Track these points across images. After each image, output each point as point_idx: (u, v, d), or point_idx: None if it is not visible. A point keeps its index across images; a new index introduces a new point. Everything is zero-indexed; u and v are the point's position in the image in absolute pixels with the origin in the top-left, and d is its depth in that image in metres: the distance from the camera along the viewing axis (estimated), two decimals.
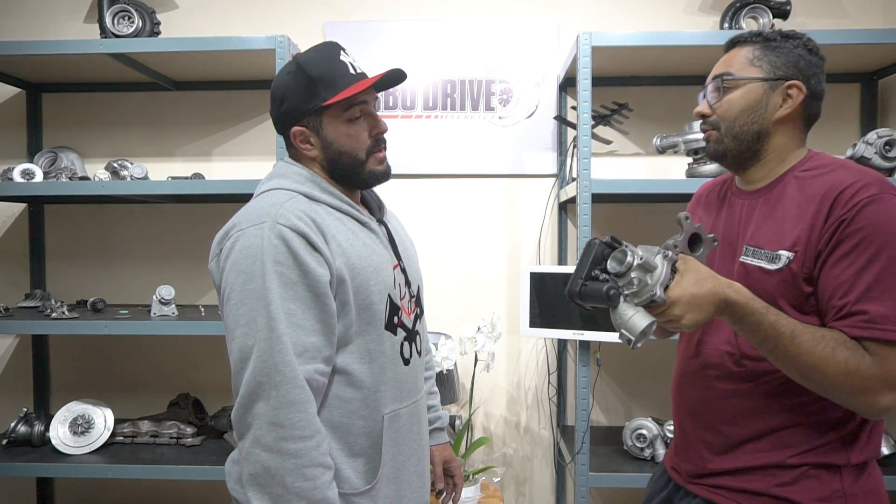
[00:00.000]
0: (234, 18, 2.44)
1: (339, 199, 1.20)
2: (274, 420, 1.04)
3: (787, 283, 1.07)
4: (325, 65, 1.18)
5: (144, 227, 2.47)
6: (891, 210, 1.01)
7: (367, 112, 1.21)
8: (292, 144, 1.23)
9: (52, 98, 2.48)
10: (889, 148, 1.95)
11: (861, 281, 1.01)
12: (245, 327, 1.07)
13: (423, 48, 2.41)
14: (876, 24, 2.33)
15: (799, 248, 1.06)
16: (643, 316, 1.00)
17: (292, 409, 1.04)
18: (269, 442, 1.04)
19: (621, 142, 2.38)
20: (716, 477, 1.19)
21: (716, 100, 1.18)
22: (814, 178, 1.10)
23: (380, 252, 1.21)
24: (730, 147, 1.17)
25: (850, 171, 1.07)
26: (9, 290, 2.48)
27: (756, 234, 1.13)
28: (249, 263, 1.08)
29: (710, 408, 1.19)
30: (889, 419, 2.23)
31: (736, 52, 1.18)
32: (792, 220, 1.08)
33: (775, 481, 1.11)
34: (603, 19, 2.39)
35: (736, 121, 1.15)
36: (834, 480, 1.09)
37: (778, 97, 1.14)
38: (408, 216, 2.42)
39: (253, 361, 1.06)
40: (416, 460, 1.27)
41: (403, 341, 1.24)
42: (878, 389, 1.00)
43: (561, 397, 2.43)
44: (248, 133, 2.46)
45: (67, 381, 2.49)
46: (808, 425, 1.10)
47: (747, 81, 1.14)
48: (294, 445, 1.04)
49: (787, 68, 1.14)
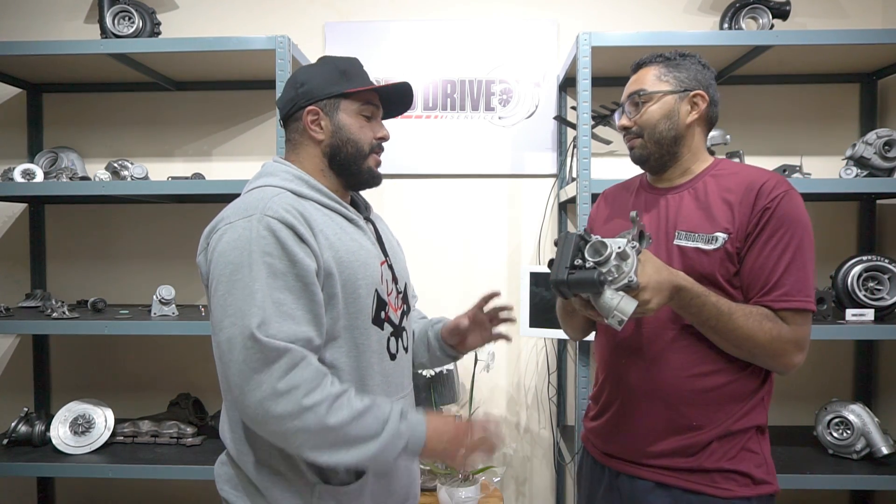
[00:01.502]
0: (234, 18, 2.44)
1: (327, 197, 1.22)
2: (282, 389, 1.04)
3: (722, 261, 1.25)
4: (352, 64, 1.28)
5: (144, 227, 2.47)
6: (799, 203, 1.25)
7: (376, 117, 1.29)
8: (297, 128, 1.26)
9: (52, 98, 2.48)
10: (888, 148, 1.95)
11: (780, 262, 1.22)
12: (233, 317, 1.06)
13: (423, 48, 2.41)
14: (876, 24, 2.33)
15: (732, 231, 1.25)
16: (628, 300, 1.10)
17: (295, 370, 1.05)
18: (291, 410, 1.04)
19: (621, 142, 2.35)
20: (663, 458, 1.28)
21: (635, 113, 1.37)
22: (731, 176, 1.31)
23: (367, 247, 1.23)
24: (652, 151, 1.36)
25: (761, 171, 1.30)
26: (9, 290, 2.49)
27: (687, 220, 1.31)
28: (237, 255, 1.08)
29: (661, 378, 1.29)
30: (889, 419, 2.23)
31: (644, 72, 1.38)
32: (719, 209, 1.28)
33: (723, 456, 1.25)
34: (603, 19, 2.39)
35: (656, 127, 1.34)
36: (758, 447, 1.28)
37: (687, 105, 1.34)
38: (408, 216, 2.43)
39: (242, 350, 1.05)
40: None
41: (390, 336, 1.25)
42: (792, 351, 1.22)
43: (561, 397, 2.43)
44: (248, 133, 2.46)
45: (68, 381, 2.49)
46: (742, 391, 1.27)
47: (660, 94, 1.34)
48: (313, 397, 1.05)
49: (689, 81, 1.34)
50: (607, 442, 1.38)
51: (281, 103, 1.28)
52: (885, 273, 1.98)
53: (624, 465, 1.34)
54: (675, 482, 1.27)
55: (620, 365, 1.35)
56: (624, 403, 1.35)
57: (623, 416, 1.34)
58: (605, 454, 1.39)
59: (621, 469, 1.34)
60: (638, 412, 1.32)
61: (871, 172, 1.98)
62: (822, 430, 2.05)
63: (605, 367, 1.41)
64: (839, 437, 2.02)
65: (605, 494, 1.38)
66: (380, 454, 1.08)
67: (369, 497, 1.20)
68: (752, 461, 1.27)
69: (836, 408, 2.05)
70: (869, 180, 1.95)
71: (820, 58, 2.12)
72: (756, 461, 1.27)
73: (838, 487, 2.26)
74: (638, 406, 1.32)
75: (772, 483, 1.28)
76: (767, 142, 2.35)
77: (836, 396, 2.14)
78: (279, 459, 1.15)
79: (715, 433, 1.26)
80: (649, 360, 1.30)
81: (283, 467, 1.15)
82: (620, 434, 1.35)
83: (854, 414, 2.01)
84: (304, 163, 1.25)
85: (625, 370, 1.34)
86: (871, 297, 1.98)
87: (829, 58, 2.13)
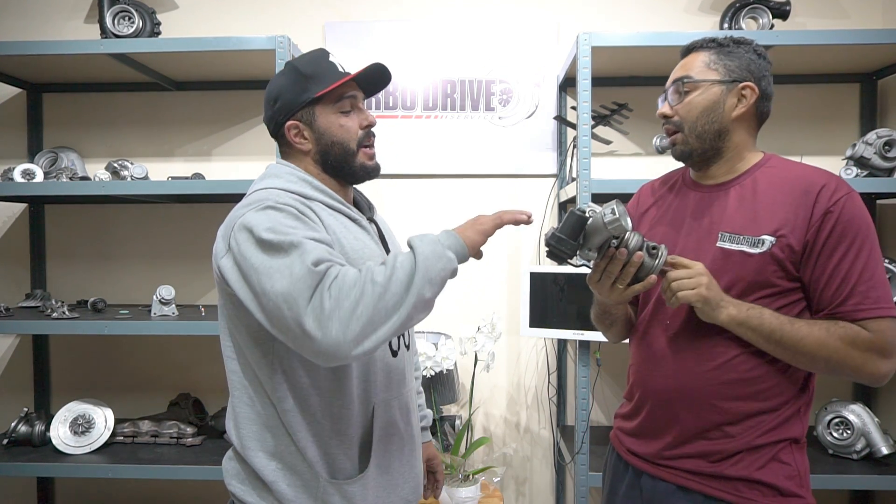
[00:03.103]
0: (234, 18, 2.44)
1: (331, 198, 1.23)
2: (354, 295, 1.00)
3: (766, 266, 1.17)
4: (315, 64, 1.25)
5: (144, 227, 2.47)
6: (861, 204, 1.17)
7: (356, 106, 1.27)
8: (286, 142, 1.27)
9: (52, 98, 2.48)
10: (888, 148, 1.95)
11: (852, 272, 1.15)
12: (279, 272, 1.02)
13: (423, 48, 2.41)
14: (876, 24, 2.33)
15: (784, 234, 1.17)
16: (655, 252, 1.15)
17: (349, 278, 1.02)
18: (376, 293, 1.00)
19: (621, 142, 2.38)
20: (687, 460, 1.24)
21: (677, 101, 1.27)
22: (782, 174, 1.22)
23: (371, 247, 1.24)
24: (694, 147, 1.26)
25: (817, 170, 1.21)
26: (9, 290, 2.49)
27: (731, 221, 1.22)
28: (262, 229, 1.07)
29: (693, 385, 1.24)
30: (889, 419, 2.23)
31: (693, 57, 1.28)
32: (769, 209, 1.19)
33: (749, 465, 1.19)
34: (603, 19, 2.39)
35: (697, 121, 1.25)
36: (791, 459, 1.21)
37: (734, 98, 1.24)
38: (408, 216, 2.43)
39: (288, 278, 1.01)
40: (408, 450, 1.29)
41: None
42: (875, 359, 1.14)
43: (561, 397, 2.43)
44: (248, 133, 2.47)
45: (68, 381, 2.49)
46: (776, 402, 1.20)
47: (706, 84, 1.24)
48: (378, 278, 1.02)
49: (740, 71, 1.24)
50: (633, 440, 1.35)
51: (265, 121, 1.29)
52: (885, 273, 1.98)
53: (647, 464, 1.30)
54: (697, 487, 1.22)
55: (648, 366, 1.32)
56: (653, 404, 1.31)
57: (651, 417, 1.31)
58: (630, 452, 1.35)
59: (644, 469, 1.31)
60: (664, 413, 1.28)
61: (871, 172, 1.98)
62: (822, 430, 2.05)
63: (635, 370, 1.38)
64: (839, 437, 2.02)
65: (626, 492, 1.35)
66: (429, 263, 1.03)
67: (373, 491, 1.21)
68: (781, 472, 1.19)
69: (836, 408, 2.05)
70: (869, 180, 1.95)
71: (820, 58, 2.12)
72: (787, 472, 1.20)
73: (838, 487, 2.26)
74: (665, 407, 1.28)
75: (803, 497, 1.20)
76: (767, 142, 2.33)
77: (836, 396, 2.14)
78: (285, 454, 1.16)
79: (742, 442, 1.20)
80: (676, 359, 1.26)
81: (289, 461, 1.16)
82: (646, 434, 1.31)
83: (854, 414, 2.01)
84: (303, 166, 1.27)
85: (652, 370, 1.31)
86: None
87: (829, 58, 2.13)
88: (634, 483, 1.33)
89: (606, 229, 1.11)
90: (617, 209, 1.11)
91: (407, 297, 1.02)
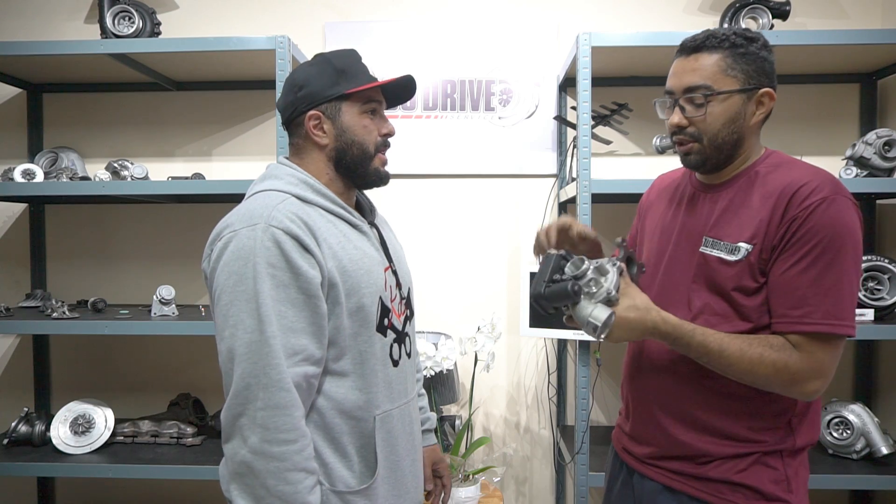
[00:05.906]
0: (234, 18, 2.44)
1: (332, 202, 1.21)
2: (260, 422, 1.05)
3: (743, 274, 1.15)
4: (350, 61, 1.25)
5: (144, 227, 2.47)
6: (841, 212, 1.09)
7: (379, 112, 1.27)
8: (301, 133, 1.24)
9: (52, 98, 2.48)
10: (888, 148, 1.95)
11: (801, 281, 1.09)
12: (233, 328, 1.08)
13: (423, 48, 2.41)
14: (875, 24, 2.33)
15: (756, 241, 1.13)
16: (603, 308, 1.10)
17: (278, 413, 1.05)
18: (254, 443, 1.05)
19: (621, 142, 2.38)
20: (673, 461, 1.24)
21: (693, 112, 1.18)
22: (773, 175, 1.17)
23: (371, 254, 1.22)
24: (710, 156, 1.20)
25: (806, 171, 1.15)
26: (9, 290, 2.49)
27: (716, 226, 1.20)
28: (241, 265, 1.08)
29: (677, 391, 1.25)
30: (889, 419, 2.23)
31: (705, 59, 1.17)
32: (751, 214, 1.15)
33: (732, 468, 1.19)
34: (603, 19, 2.39)
35: (719, 133, 1.18)
36: (780, 464, 1.19)
37: (753, 105, 1.18)
38: (408, 216, 2.43)
39: (241, 363, 1.07)
40: (410, 461, 1.28)
41: (393, 343, 1.25)
42: (806, 379, 1.11)
43: (561, 397, 2.43)
44: (248, 133, 2.46)
45: (68, 381, 2.49)
46: (760, 413, 1.19)
47: (727, 94, 1.16)
48: (278, 449, 1.05)
49: (759, 76, 1.17)
50: (628, 440, 1.37)
51: (281, 107, 1.26)
52: (885, 273, 1.98)
53: (638, 463, 1.32)
54: (681, 487, 1.23)
55: (634, 370, 1.34)
56: (639, 405, 1.33)
57: (639, 418, 1.33)
58: (625, 450, 1.37)
59: (636, 467, 1.33)
60: (651, 415, 1.29)
61: (870, 172, 1.98)
62: (822, 429, 2.05)
63: (624, 371, 1.40)
64: (839, 437, 2.02)
65: (621, 489, 1.37)
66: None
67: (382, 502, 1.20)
68: (766, 476, 1.17)
69: (835, 408, 2.05)
70: (869, 180, 1.95)
71: (820, 58, 2.12)
72: (772, 476, 1.18)
73: (838, 487, 2.26)
74: (651, 409, 1.29)
75: (788, 502, 1.18)
76: (767, 142, 2.32)
77: (835, 396, 2.14)
78: None
79: (728, 450, 1.19)
80: (659, 364, 1.27)
81: None
82: (637, 434, 1.33)
83: (854, 414, 2.01)
84: (309, 166, 1.24)
85: (637, 375, 1.33)
86: (871, 297, 1.98)
87: (829, 58, 2.13)
88: (628, 481, 1.35)
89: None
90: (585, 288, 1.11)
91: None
